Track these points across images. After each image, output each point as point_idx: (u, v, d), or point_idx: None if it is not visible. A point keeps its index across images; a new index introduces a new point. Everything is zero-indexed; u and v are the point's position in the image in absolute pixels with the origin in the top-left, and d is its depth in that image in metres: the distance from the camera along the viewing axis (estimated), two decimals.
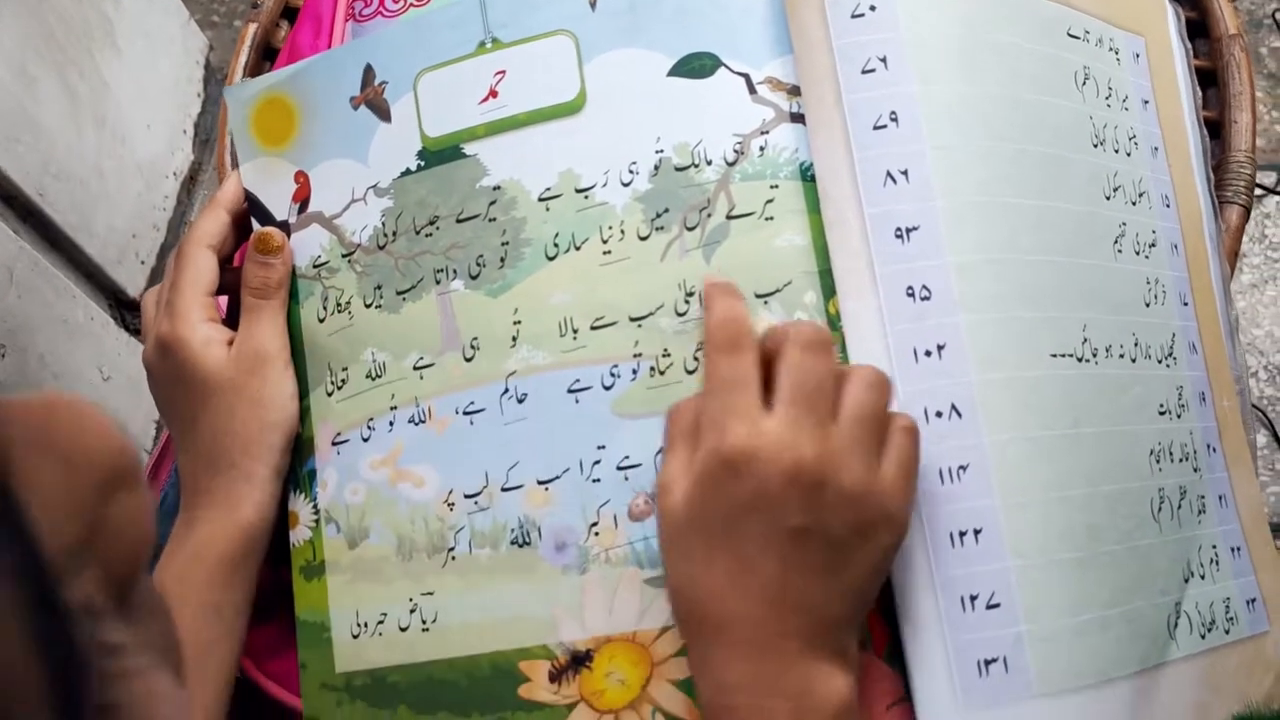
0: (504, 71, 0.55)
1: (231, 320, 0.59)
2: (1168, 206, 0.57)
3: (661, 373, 0.51)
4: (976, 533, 0.47)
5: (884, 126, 0.50)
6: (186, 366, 0.56)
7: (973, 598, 0.46)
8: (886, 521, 0.43)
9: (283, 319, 0.58)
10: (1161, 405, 0.53)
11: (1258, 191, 1.46)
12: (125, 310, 1.36)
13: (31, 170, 1.14)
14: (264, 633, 0.59)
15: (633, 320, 0.51)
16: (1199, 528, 0.54)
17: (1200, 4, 0.75)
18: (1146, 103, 0.59)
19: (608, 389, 0.51)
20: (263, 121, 0.61)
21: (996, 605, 0.46)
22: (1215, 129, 0.72)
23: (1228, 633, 0.53)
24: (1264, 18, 1.62)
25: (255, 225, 0.60)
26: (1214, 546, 0.54)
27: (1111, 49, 0.57)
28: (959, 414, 0.47)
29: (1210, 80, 0.74)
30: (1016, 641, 0.46)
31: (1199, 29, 0.75)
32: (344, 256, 0.58)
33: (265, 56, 0.79)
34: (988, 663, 0.46)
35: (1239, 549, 0.55)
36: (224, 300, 0.62)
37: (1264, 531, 0.57)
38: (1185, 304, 0.57)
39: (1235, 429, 0.57)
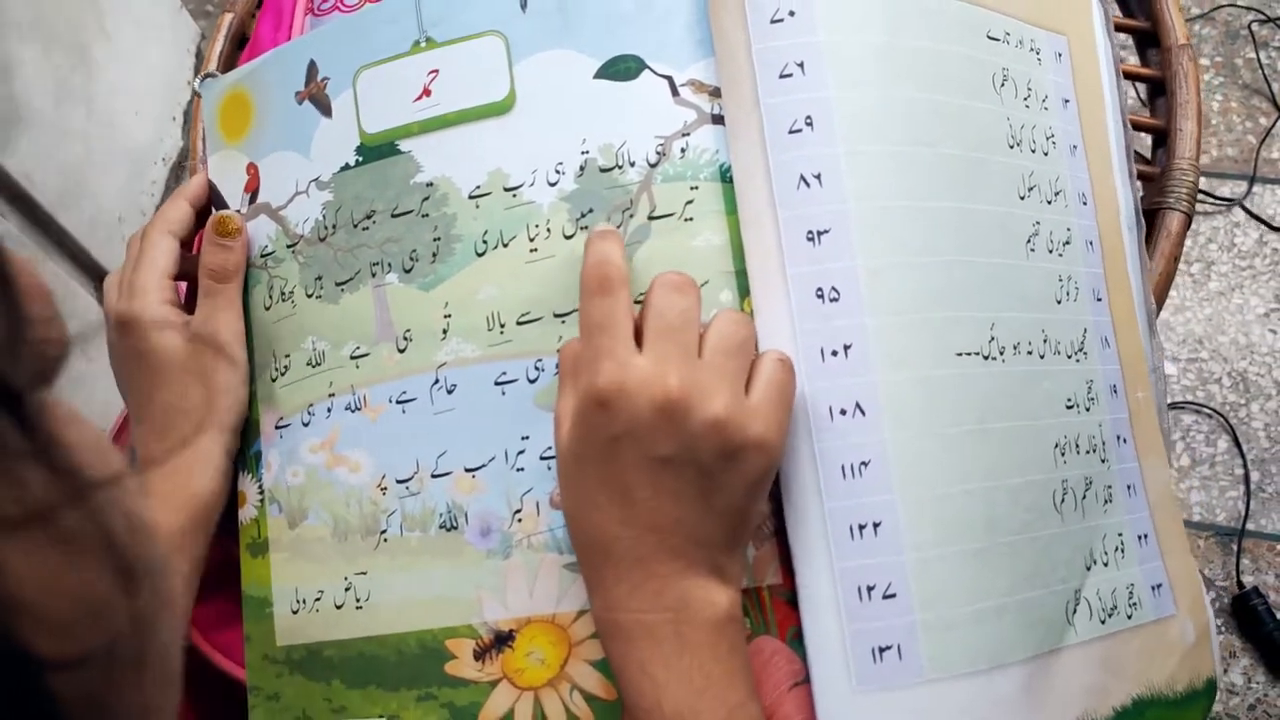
0: (437, 71, 0.56)
1: (189, 306, 0.60)
2: (1084, 204, 0.58)
3: None
4: (875, 526, 0.48)
5: (799, 130, 0.50)
6: (144, 345, 0.57)
7: (870, 588, 0.47)
8: (756, 447, 0.45)
9: (239, 303, 0.59)
10: (1069, 399, 0.54)
11: (1227, 198, 1.47)
12: None
13: (20, 154, 1.15)
14: (211, 606, 0.60)
15: (556, 316, 0.52)
16: (1104, 517, 0.55)
17: (1153, 14, 0.76)
18: (1067, 101, 0.59)
19: (532, 382, 0.52)
20: (226, 116, 0.62)
21: (893, 595, 0.47)
22: (1163, 137, 0.73)
23: (1130, 617, 0.54)
24: (1240, 29, 1.62)
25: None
26: (1120, 534, 0.55)
27: (1032, 49, 0.58)
28: (862, 412, 0.48)
29: (1161, 89, 0.74)
30: (910, 630, 0.47)
31: (1151, 39, 0.76)
32: (288, 247, 0.58)
33: (239, 46, 0.80)
34: (882, 649, 0.47)
35: (1146, 536, 0.56)
36: (183, 286, 0.63)
37: (1174, 518, 0.58)
38: (1099, 299, 0.58)
39: (1148, 420, 0.58)
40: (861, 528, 0.48)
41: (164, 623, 0.23)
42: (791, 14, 0.51)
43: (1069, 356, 0.55)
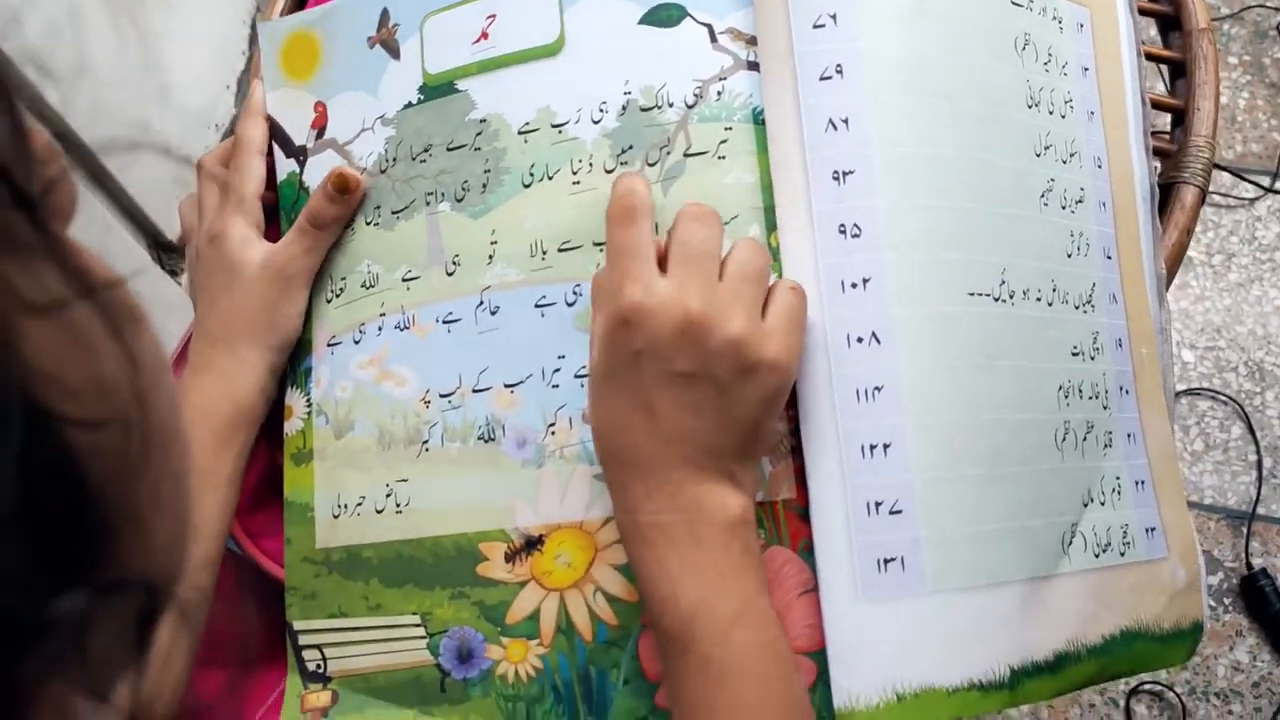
0: (494, 15, 0.59)
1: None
2: (1099, 167, 0.60)
3: None
4: (886, 447, 0.50)
5: (829, 78, 0.53)
6: (228, 258, 0.60)
7: (878, 504, 0.50)
8: (770, 366, 0.47)
9: (323, 250, 0.62)
10: (1075, 347, 0.56)
11: (1250, 193, 1.48)
12: (163, 251, 1.40)
13: (82, 112, 1.18)
14: (263, 516, 0.63)
15: (596, 245, 0.55)
16: (1103, 460, 0.57)
17: (1175, 0, 0.78)
18: (1087, 70, 0.61)
19: (570, 305, 0.55)
20: (290, 56, 0.65)
21: (899, 511, 0.50)
22: (1181, 116, 0.75)
23: (1123, 554, 0.56)
24: (1269, 29, 1.63)
25: (275, 148, 0.65)
26: (1118, 478, 0.57)
27: (1055, 18, 0.60)
28: (878, 341, 0.51)
29: (1181, 71, 0.76)
30: (914, 544, 0.50)
31: (1173, 23, 0.78)
32: None
33: (299, 6, 0.83)
34: (886, 561, 0.50)
35: (1143, 483, 0.59)
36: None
37: (1172, 470, 0.60)
38: (1109, 257, 0.60)
39: (1151, 375, 0.61)
40: (873, 448, 0.50)
41: (165, 407, 0.26)
42: None
43: (1076, 307, 0.57)
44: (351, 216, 0.61)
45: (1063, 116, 0.59)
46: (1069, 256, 0.57)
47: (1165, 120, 0.75)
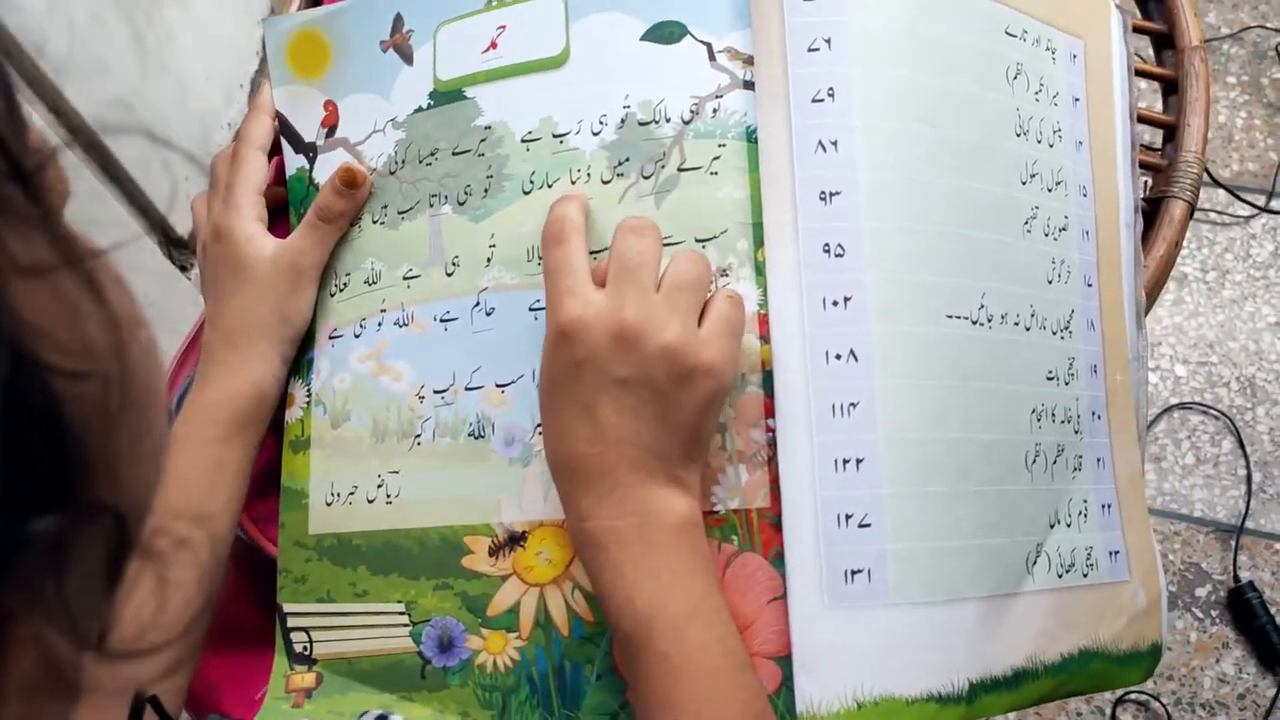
0: (504, 26, 0.60)
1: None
2: (1084, 196, 0.61)
3: None
4: (858, 461, 0.51)
5: (821, 100, 0.54)
6: (235, 255, 0.61)
7: (848, 516, 0.51)
8: (706, 371, 0.49)
9: (331, 243, 0.63)
10: (1050, 372, 0.57)
11: (1245, 212, 1.48)
12: (173, 247, 1.41)
13: (97, 108, 1.19)
14: (267, 504, 0.65)
15: (590, 253, 0.56)
16: (1072, 483, 0.58)
17: (1169, 17, 0.79)
18: (1077, 100, 0.62)
19: None
20: (298, 53, 0.66)
21: (868, 525, 0.51)
22: (1172, 131, 0.76)
23: (1085, 576, 0.57)
24: (1268, 50, 1.64)
25: (283, 143, 0.66)
26: (1085, 501, 0.58)
27: (1048, 48, 0.61)
28: (855, 358, 0.52)
29: (1174, 88, 0.77)
30: (881, 557, 0.51)
31: (1166, 41, 0.79)
32: None
33: (314, 4, 0.84)
34: (854, 572, 0.51)
35: (1110, 506, 0.60)
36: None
37: (1138, 495, 0.61)
38: (1089, 285, 0.61)
39: (1124, 401, 0.61)
40: (845, 462, 0.51)
41: (144, 367, 0.28)
42: None
43: (1054, 333, 0.58)
44: (359, 214, 0.62)
45: (1050, 145, 0.60)
46: (1049, 283, 0.58)
47: (1157, 135, 0.76)
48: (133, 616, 0.29)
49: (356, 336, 0.61)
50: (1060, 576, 0.56)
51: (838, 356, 0.52)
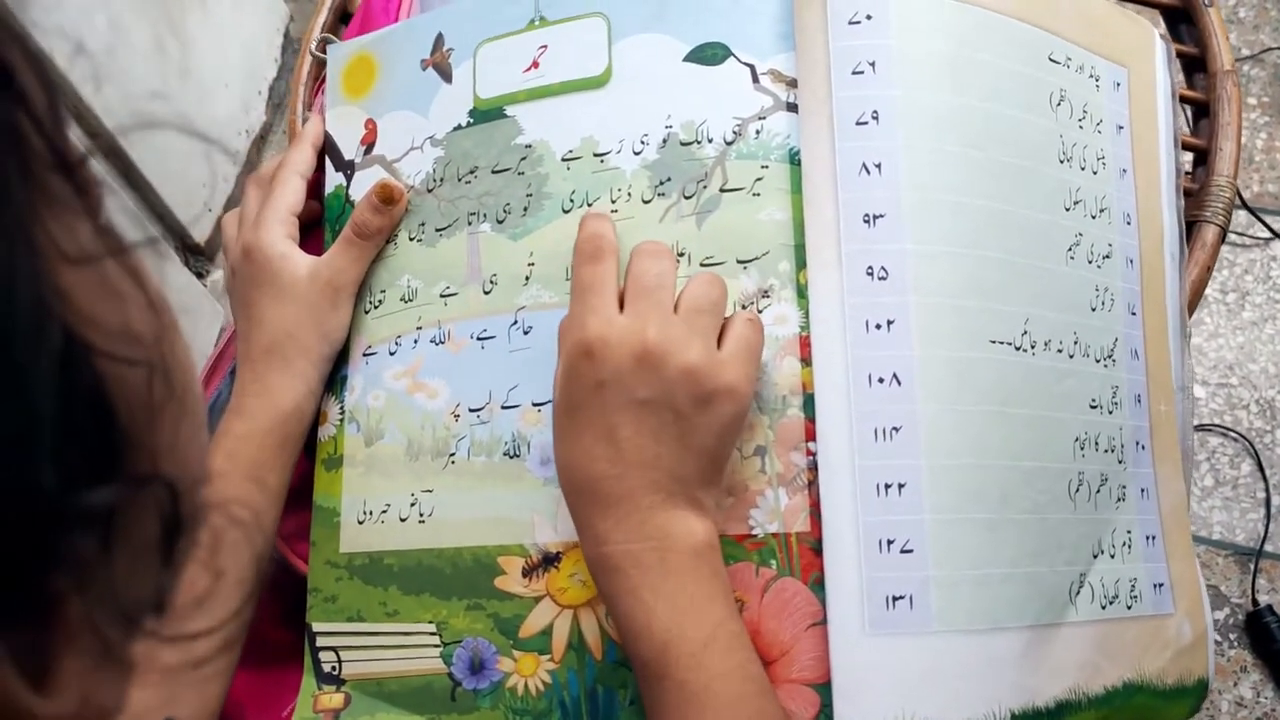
0: (546, 46, 0.59)
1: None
2: (1128, 224, 0.60)
3: None
4: (901, 486, 0.50)
5: (865, 123, 0.53)
6: (268, 273, 0.60)
7: (889, 542, 0.50)
8: (727, 394, 0.49)
9: (369, 259, 0.62)
10: (1094, 400, 0.56)
11: (1265, 234, 1.47)
12: (190, 253, 1.40)
13: (118, 114, 1.19)
14: (296, 519, 0.63)
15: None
16: (1116, 513, 0.57)
17: (1201, 41, 0.78)
18: (1121, 128, 0.61)
19: None
20: (351, 76, 0.66)
21: (910, 551, 0.50)
22: (1204, 155, 0.75)
23: (1129, 608, 0.56)
24: None
25: (328, 162, 0.65)
26: (1129, 531, 0.57)
27: (1092, 76, 0.60)
28: (899, 382, 0.51)
29: (1205, 111, 0.76)
30: (923, 584, 0.50)
31: (1198, 64, 0.78)
32: None
33: (341, 20, 0.83)
34: (895, 599, 0.49)
35: (1154, 538, 0.58)
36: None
37: (1183, 527, 0.60)
38: (1133, 314, 0.59)
39: (1168, 431, 0.60)
40: (887, 487, 0.50)
41: (183, 358, 0.28)
42: (869, 17, 0.54)
43: (1097, 360, 0.57)
44: (396, 231, 0.61)
45: (1094, 173, 0.59)
46: (1093, 310, 0.57)
47: (1188, 159, 0.75)
48: (187, 593, 0.29)
49: (391, 354, 0.60)
50: (1104, 608, 0.55)
51: (880, 380, 0.51)
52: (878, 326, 0.52)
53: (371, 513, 0.59)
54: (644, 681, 0.49)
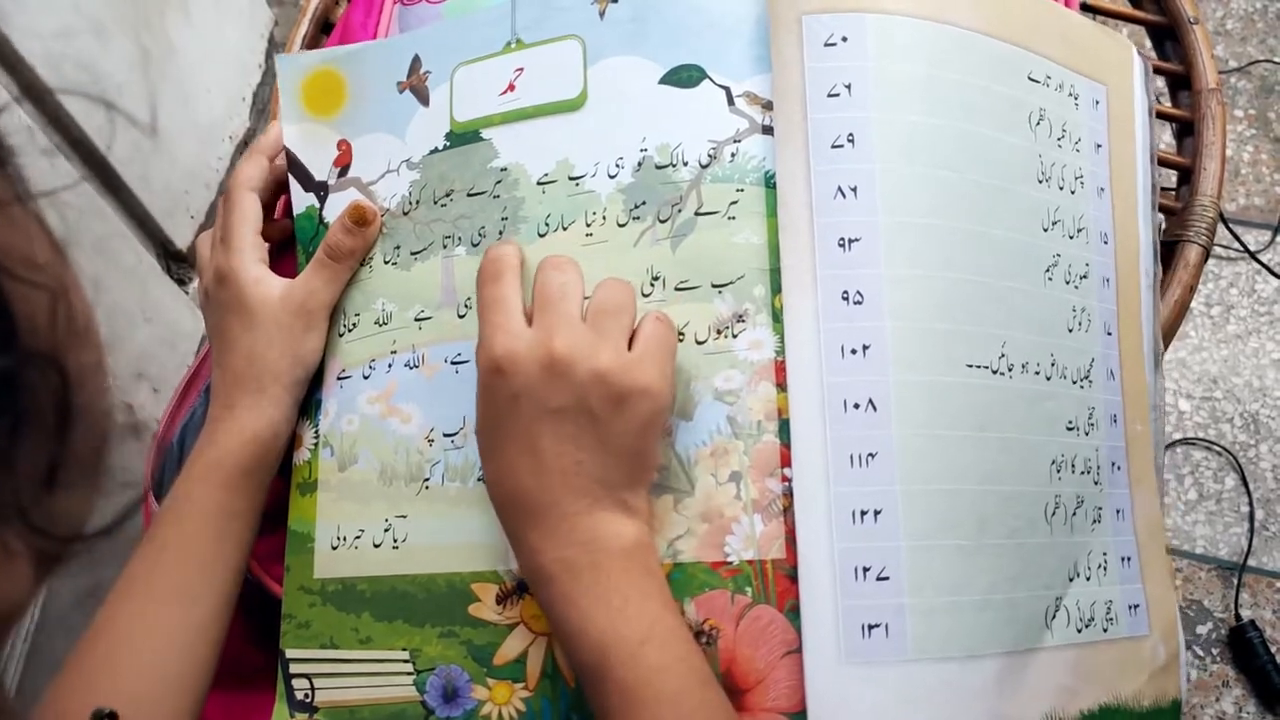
0: (522, 69, 0.59)
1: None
2: (1105, 243, 0.59)
3: None
4: (876, 513, 0.50)
5: (840, 146, 0.52)
6: (240, 298, 0.60)
7: (865, 569, 0.49)
8: (640, 393, 0.49)
9: (342, 281, 0.61)
10: (1070, 422, 0.56)
11: (1251, 246, 1.47)
12: (171, 260, 1.39)
13: (98, 122, 1.18)
14: (271, 541, 0.63)
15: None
16: (1091, 535, 0.56)
17: (1186, 59, 0.77)
18: (1099, 146, 0.61)
19: None
20: (312, 91, 0.65)
21: (886, 578, 0.49)
22: (1188, 174, 0.74)
23: (1105, 630, 0.55)
24: (1276, 84, 1.63)
25: (291, 180, 0.64)
26: (1104, 554, 0.56)
27: (1072, 94, 0.59)
28: (874, 408, 0.50)
29: (1189, 129, 0.76)
30: (899, 611, 0.49)
31: (1183, 82, 0.77)
32: None
33: (323, 30, 0.82)
34: (871, 627, 0.49)
35: (1129, 559, 0.57)
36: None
37: (1158, 546, 0.59)
38: (1109, 334, 0.59)
39: (1144, 452, 0.59)
40: (863, 513, 0.50)
41: (82, 300, 0.32)
42: (844, 39, 0.53)
43: (1074, 382, 0.56)
44: (371, 254, 0.60)
45: (1072, 192, 0.58)
46: (1070, 331, 0.57)
47: (1171, 177, 0.75)
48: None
49: (365, 378, 0.59)
50: (1080, 631, 0.54)
51: (856, 406, 0.50)
52: (853, 351, 0.51)
53: (345, 538, 0.58)
54: (588, 687, 0.49)
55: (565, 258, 0.53)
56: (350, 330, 0.61)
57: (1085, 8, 0.82)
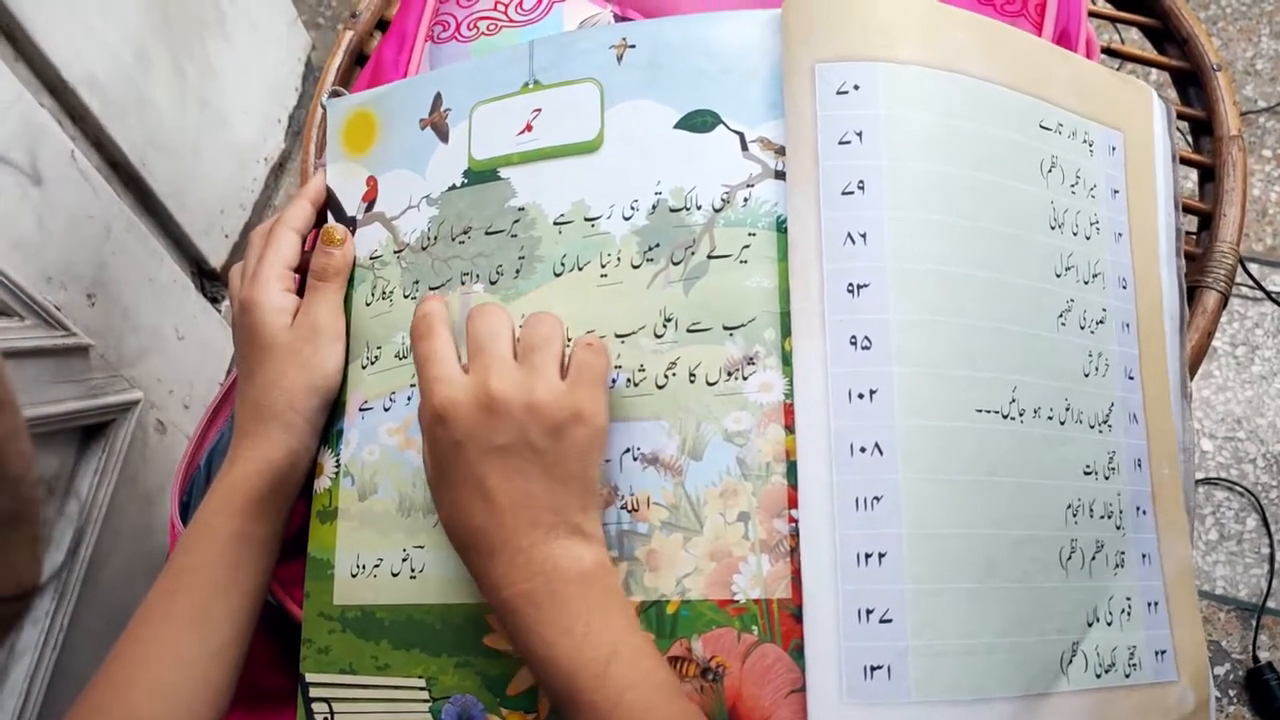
0: (540, 109, 0.59)
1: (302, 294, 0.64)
2: (1124, 288, 0.59)
3: (636, 384, 0.54)
4: (881, 556, 0.50)
5: (851, 193, 0.53)
6: (256, 326, 0.62)
7: (869, 611, 0.49)
8: (574, 419, 0.51)
9: (338, 300, 0.64)
10: (1088, 466, 0.55)
11: (1272, 289, 1.45)
12: (205, 279, 1.41)
13: (138, 142, 1.20)
14: (295, 567, 0.63)
15: (618, 336, 0.55)
16: (1113, 579, 0.56)
17: (1209, 105, 0.77)
18: (1116, 192, 0.61)
19: None
20: (350, 131, 0.66)
21: (889, 620, 0.49)
22: (1208, 219, 0.74)
23: (1127, 676, 0.55)
24: None
25: (330, 218, 0.65)
26: (1128, 598, 0.56)
27: (1085, 141, 0.59)
28: (880, 452, 0.50)
29: (1211, 175, 0.75)
30: (902, 653, 0.49)
31: (1205, 128, 0.77)
32: (395, 253, 0.62)
33: (357, 62, 0.83)
34: (873, 668, 0.49)
35: (1156, 604, 0.57)
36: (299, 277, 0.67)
37: (1188, 590, 0.59)
38: (1131, 378, 0.59)
39: (1172, 495, 0.59)
40: (868, 556, 0.50)
41: (17, 452, 0.31)
42: (856, 88, 0.54)
43: (1092, 426, 0.56)
44: (392, 288, 0.61)
45: (1087, 238, 0.58)
46: (1086, 376, 0.56)
47: (1192, 222, 0.74)
48: None
49: (386, 410, 0.60)
50: (1099, 676, 0.54)
51: (862, 449, 0.51)
52: (860, 396, 0.51)
53: (364, 566, 0.59)
54: (563, 714, 0.50)
55: (491, 305, 0.54)
56: (372, 363, 0.62)
57: (1109, 52, 0.82)
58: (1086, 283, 0.58)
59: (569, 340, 0.56)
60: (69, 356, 1.02)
